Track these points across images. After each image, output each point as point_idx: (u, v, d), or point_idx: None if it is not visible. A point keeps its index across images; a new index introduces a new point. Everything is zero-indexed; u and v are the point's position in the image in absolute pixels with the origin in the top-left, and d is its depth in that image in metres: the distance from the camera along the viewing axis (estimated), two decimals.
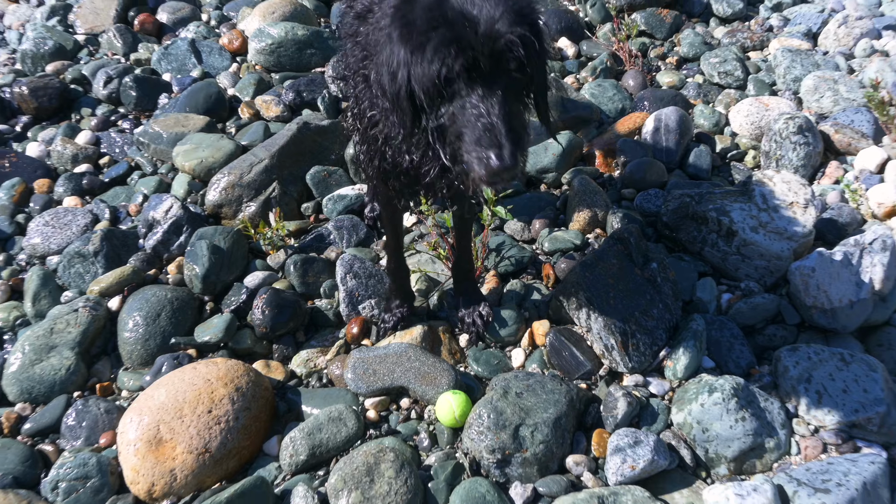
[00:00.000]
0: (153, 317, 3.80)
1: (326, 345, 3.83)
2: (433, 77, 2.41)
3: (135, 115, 5.25)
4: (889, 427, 3.31)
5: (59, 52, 5.71)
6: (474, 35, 2.36)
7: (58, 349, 3.72)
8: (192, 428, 3.28)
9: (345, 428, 3.35)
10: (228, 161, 4.57)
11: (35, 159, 4.91)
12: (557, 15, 5.89)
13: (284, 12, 5.75)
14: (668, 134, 4.73)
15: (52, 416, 3.56)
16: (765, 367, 3.64)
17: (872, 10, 6.06)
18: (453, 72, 2.39)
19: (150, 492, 3.22)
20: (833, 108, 5.05)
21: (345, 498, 3.09)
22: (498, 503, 3.09)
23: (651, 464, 3.17)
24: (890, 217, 4.30)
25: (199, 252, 4.00)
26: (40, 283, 4.05)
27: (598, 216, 4.25)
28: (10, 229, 4.49)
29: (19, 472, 3.34)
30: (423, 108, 2.53)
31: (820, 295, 3.67)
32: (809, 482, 3.06)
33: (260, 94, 5.24)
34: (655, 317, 3.63)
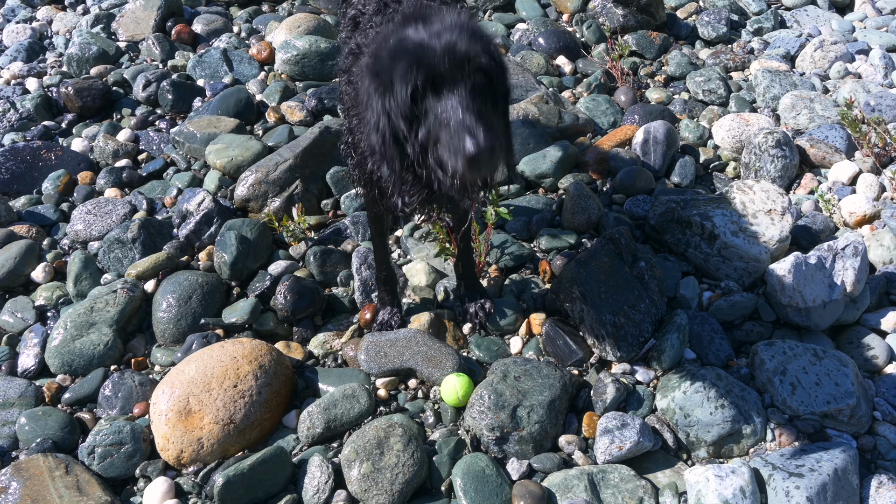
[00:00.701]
0: (185, 299, 3.78)
1: (342, 329, 3.80)
2: (405, 100, 2.38)
3: (171, 116, 5.22)
4: (858, 418, 3.29)
5: (103, 56, 5.68)
6: (434, 54, 2.34)
7: (97, 326, 3.70)
8: (219, 401, 3.26)
9: (357, 404, 3.33)
10: (256, 160, 4.54)
11: (79, 153, 4.88)
12: (556, 35, 5.86)
13: (309, 26, 5.72)
14: (655, 145, 4.71)
15: (90, 387, 3.54)
16: (742, 360, 3.61)
17: (846, 35, 6.04)
18: (419, 89, 2.35)
19: (178, 458, 3.20)
20: (809, 124, 5.02)
21: (357, 468, 3.07)
22: (496, 476, 3.07)
23: (637, 445, 3.15)
24: (861, 225, 4.27)
25: (227, 241, 3.97)
26: (82, 265, 4.02)
27: (591, 218, 4.21)
28: (55, 216, 4.47)
29: (59, 437, 3.33)
30: (406, 138, 2.48)
31: (795, 295, 3.64)
32: (784, 467, 3.03)
33: (285, 100, 5.21)
34: (642, 311, 3.60)
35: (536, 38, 5.86)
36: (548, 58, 5.68)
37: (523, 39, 5.92)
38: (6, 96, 5.34)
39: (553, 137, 4.82)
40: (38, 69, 5.71)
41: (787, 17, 6.37)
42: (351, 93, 3.01)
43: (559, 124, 4.90)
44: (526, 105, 4.93)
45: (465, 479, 3.06)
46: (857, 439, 3.29)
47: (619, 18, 5.97)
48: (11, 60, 5.82)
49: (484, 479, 3.06)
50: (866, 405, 3.35)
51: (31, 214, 4.46)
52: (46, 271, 4.09)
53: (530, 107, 4.91)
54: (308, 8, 6.23)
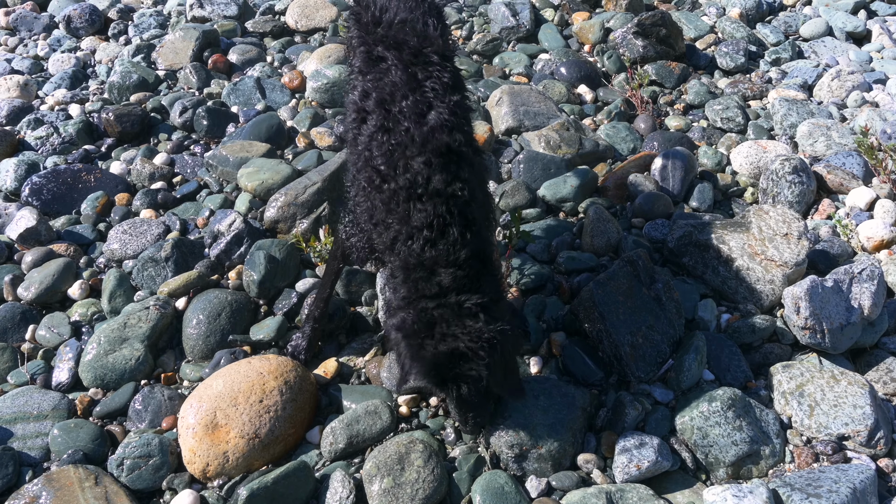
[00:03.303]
0: (214, 316, 3.76)
1: (365, 347, 3.76)
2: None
3: (205, 140, 5.23)
4: (877, 440, 3.20)
5: (142, 84, 5.72)
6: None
7: (129, 342, 3.68)
8: (245, 415, 3.22)
9: (380, 421, 3.28)
10: (285, 183, 4.53)
11: (117, 176, 4.90)
12: (577, 65, 5.83)
13: (338, 57, 5.74)
14: (674, 171, 4.65)
15: (120, 400, 3.52)
16: (761, 381, 3.53)
17: (864, 65, 5.95)
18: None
19: (204, 471, 3.17)
20: (826, 151, 4.93)
21: (378, 483, 3.02)
22: (515, 494, 3.01)
23: (655, 464, 3.07)
24: (878, 250, 4.18)
25: (256, 261, 3.95)
26: (116, 283, 4.02)
27: (611, 241, 4.15)
28: (93, 236, 4.47)
29: (89, 449, 3.31)
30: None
31: (812, 318, 3.55)
32: (802, 488, 2.94)
33: (315, 126, 5.21)
34: (660, 332, 3.54)
35: (559, 68, 5.84)
36: (569, 87, 5.65)
37: (546, 69, 5.89)
38: (50, 121, 5.39)
39: (573, 163, 4.77)
40: (81, 96, 5.76)
41: (804, 48, 6.30)
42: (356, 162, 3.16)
43: (580, 150, 4.85)
44: (547, 132, 4.90)
45: (485, 495, 3.00)
46: (876, 461, 3.19)
47: (639, 49, 5.93)
48: (56, 87, 5.87)
49: (503, 496, 3.00)
50: (885, 427, 3.25)
51: (70, 234, 4.47)
52: (82, 288, 4.09)
53: (552, 133, 4.87)
54: (338, 39, 6.25)
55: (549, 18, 6.53)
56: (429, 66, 3.09)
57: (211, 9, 6.62)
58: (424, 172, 2.83)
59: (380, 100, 3.03)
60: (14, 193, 4.79)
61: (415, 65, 3.08)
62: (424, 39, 3.20)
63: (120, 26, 6.68)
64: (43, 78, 6.08)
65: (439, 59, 3.15)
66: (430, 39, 3.23)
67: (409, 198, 2.84)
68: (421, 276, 2.82)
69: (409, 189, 2.84)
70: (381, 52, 3.16)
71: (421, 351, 2.77)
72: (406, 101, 2.97)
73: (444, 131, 2.91)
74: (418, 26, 3.27)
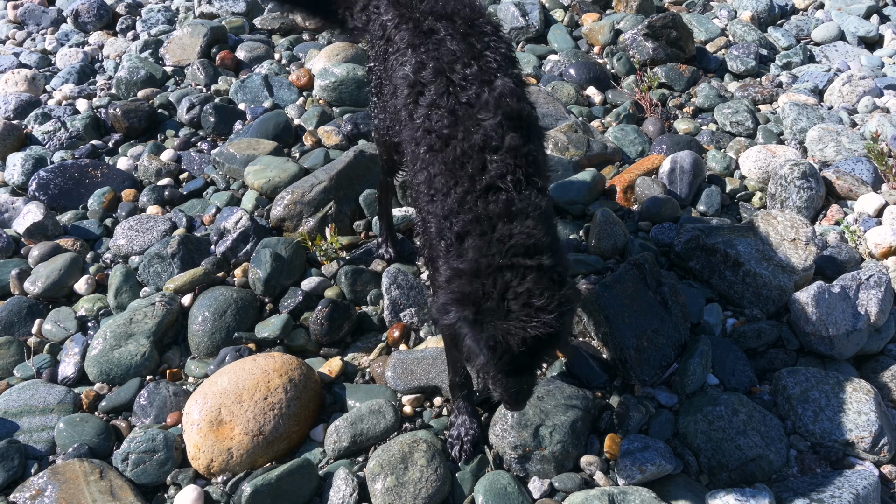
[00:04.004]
0: (220, 313, 3.80)
1: (370, 346, 3.80)
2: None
3: (212, 137, 5.28)
4: (881, 447, 3.23)
5: (150, 80, 5.77)
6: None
7: (135, 337, 3.73)
8: (250, 412, 3.27)
9: (384, 420, 3.33)
10: (292, 181, 4.57)
11: (124, 172, 4.95)
12: (587, 66, 5.86)
13: (346, 55, 5.78)
14: (682, 175, 4.68)
15: (126, 395, 3.57)
16: (765, 387, 3.56)
17: (875, 70, 5.97)
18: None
19: (208, 467, 3.22)
20: (836, 157, 4.96)
21: (381, 482, 3.06)
22: (517, 494, 3.05)
23: (658, 467, 3.11)
24: (886, 257, 4.20)
25: (262, 259, 4.00)
26: (123, 279, 4.06)
27: (617, 244, 4.19)
28: (99, 231, 4.52)
29: (94, 443, 3.36)
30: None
31: (818, 323, 3.59)
32: (805, 493, 2.98)
33: (322, 124, 5.25)
34: (666, 335, 3.57)
35: (567, 70, 5.87)
36: (578, 88, 5.69)
37: (555, 70, 5.93)
38: (57, 116, 5.44)
39: (581, 165, 4.81)
40: (88, 91, 5.81)
41: (816, 52, 6.32)
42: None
43: (587, 153, 4.89)
44: (556, 133, 4.93)
45: (487, 496, 3.04)
46: (880, 468, 3.23)
47: (648, 51, 5.96)
48: (63, 82, 5.93)
49: (505, 496, 3.04)
50: (889, 434, 3.28)
51: (77, 229, 4.52)
52: (89, 283, 4.14)
53: (560, 135, 4.91)
54: (346, 37, 6.29)
55: (558, 19, 6.56)
56: (484, 37, 3.06)
57: (219, 5, 6.67)
58: (498, 130, 2.71)
59: (438, 69, 2.92)
60: (21, 188, 4.85)
61: (470, 35, 3.03)
62: (473, 10, 3.18)
63: (128, 21, 6.74)
64: (50, 72, 6.14)
65: (492, 29, 3.14)
66: (479, 11, 3.21)
67: (483, 152, 2.68)
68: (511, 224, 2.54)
69: (483, 143, 2.69)
70: (431, 24, 3.07)
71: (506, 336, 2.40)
72: (470, 68, 2.89)
73: (514, 97, 2.83)
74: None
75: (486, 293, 2.41)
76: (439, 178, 2.73)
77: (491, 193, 2.60)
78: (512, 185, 2.61)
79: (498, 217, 2.55)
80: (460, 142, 2.71)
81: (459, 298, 2.43)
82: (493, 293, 2.40)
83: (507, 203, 2.58)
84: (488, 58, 2.95)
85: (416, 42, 3.06)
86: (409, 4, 3.23)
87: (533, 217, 2.56)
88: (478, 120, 2.74)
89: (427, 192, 2.81)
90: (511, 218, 2.54)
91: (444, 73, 2.89)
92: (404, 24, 3.17)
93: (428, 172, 2.80)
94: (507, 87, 2.84)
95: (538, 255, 2.47)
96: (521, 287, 2.40)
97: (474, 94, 2.81)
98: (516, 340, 2.37)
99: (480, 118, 2.74)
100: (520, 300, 2.39)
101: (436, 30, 3.05)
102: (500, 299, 2.39)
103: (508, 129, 2.72)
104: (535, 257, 2.46)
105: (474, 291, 2.42)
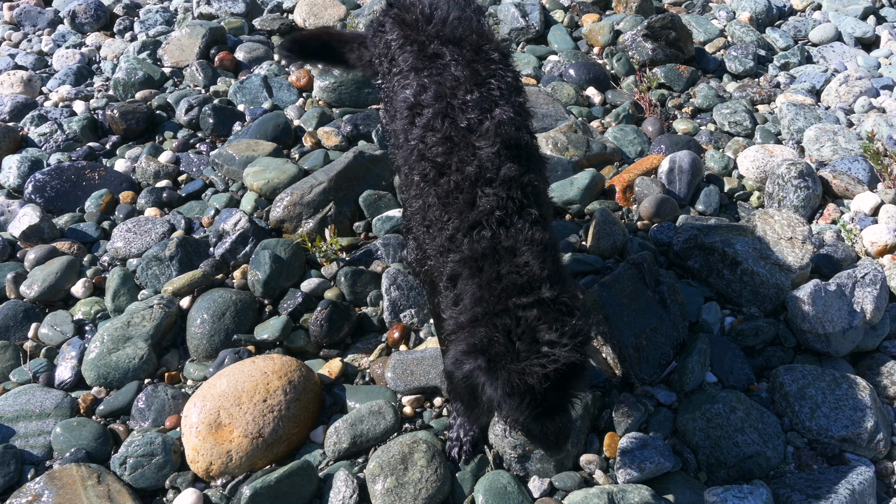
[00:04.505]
0: (218, 316, 3.82)
1: (370, 347, 3.83)
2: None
3: (211, 139, 5.30)
4: (877, 443, 3.27)
5: (148, 81, 5.79)
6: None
7: (133, 340, 3.75)
8: (249, 415, 3.29)
9: (383, 421, 3.35)
10: (291, 182, 4.60)
11: (121, 174, 4.97)
12: (586, 67, 5.89)
13: None
14: (681, 174, 4.71)
15: (124, 399, 3.59)
16: (763, 384, 3.59)
17: (872, 71, 6.01)
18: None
19: (207, 470, 3.23)
20: (832, 156, 5.00)
21: (381, 482, 3.08)
22: (517, 494, 3.07)
23: (657, 465, 3.13)
24: (882, 255, 4.25)
25: (262, 260, 4.02)
26: (120, 281, 4.08)
27: (616, 244, 4.22)
28: (97, 234, 4.53)
29: (92, 447, 3.37)
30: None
31: (815, 321, 3.62)
32: (802, 489, 3.01)
33: (322, 125, 5.27)
34: (664, 334, 3.60)
35: (567, 70, 5.90)
36: (578, 89, 5.71)
37: (554, 71, 5.96)
38: (54, 118, 5.45)
39: (581, 165, 4.84)
40: (86, 92, 5.83)
41: (813, 52, 6.35)
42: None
43: (587, 153, 4.92)
44: (555, 134, 4.96)
45: (487, 495, 3.07)
46: (876, 464, 3.27)
47: (648, 52, 6.00)
48: (60, 84, 5.95)
49: (505, 496, 3.06)
50: (885, 430, 3.32)
51: (74, 231, 4.53)
52: (86, 286, 4.16)
53: (559, 136, 4.94)
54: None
55: (558, 20, 6.59)
56: (490, 64, 3.03)
57: (218, 6, 6.69)
58: (494, 161, 2.66)
59: (439, 94, 2.89)
60: (17, 190, 4.86)
61: (476, 62, 3.00)
62: (482, 36, 3.15)
63: (125, 22, 6.76)
64: (47, 74, 6.15)
65: (500, 57, 3.12)
66: (488, 36, 3.19)
67: (475, 185, 2.61)
68: (498, 265, 2.48)
69: (476, 176, 2.62)
70: (437, 49, 3.05)
71: (524, 377, 2.29)
72: (471, 94, 2.86)
73: (513, 126, 2.81)
74: (473, 24, 3.21)
75: (492, 339, 2.36)
76: (433, 210, 2.72)
77: (476, 231, 2.56)
78: (497, 222, 2.56)
79: (483, 257, 2.52)
80: (454, 173, 2.68)
81: (468, 350, 2.37)
82: (499, 338, 2.35)
83: (493, 241, 2.54)
84: (492, 85, 2.91)
85: (420, 66, 3.04)
86: (414, 25, 3.20)
87: (525, 252, 2.51)
88: (474, 148, 2.71)
89: (422, 223, 2.81)
90: (498, 258, 2.51)
91: (444, 97, 2.87)
92: (409, 46, 3.15)
93: (423, 202, 2.78)
94: (507, 115, 2.81)
95: (535, 291, 2.43)
96: (522, 326, 2.35)
97: (474, 120, 2.78)
98: (536, 379, 2.28)
99: (477, 146, 2.71)
100: (525, 339, 2.34)
101: (441, 54, 3.03)
102: (507, 342, 2.34)
103: (506, 159, 2.69)
104: (532, 293, 2.42)
105: (480, 340, 2.37)
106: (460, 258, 2.56)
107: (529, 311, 2.38)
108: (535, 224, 2.60)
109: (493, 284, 2.45)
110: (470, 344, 2.38)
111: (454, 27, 3.13)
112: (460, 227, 2.60)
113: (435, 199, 2.70)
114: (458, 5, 3.27)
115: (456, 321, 2.51)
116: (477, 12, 3.38)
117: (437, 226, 2.69)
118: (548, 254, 2.55)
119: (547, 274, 2.47)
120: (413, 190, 2.85)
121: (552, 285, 2.45)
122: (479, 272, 2.50)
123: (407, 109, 2.96)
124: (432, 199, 2.71)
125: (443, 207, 2.67)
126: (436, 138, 2.76)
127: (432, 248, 2.73)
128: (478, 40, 3.10)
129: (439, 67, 2.98)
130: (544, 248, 2.55)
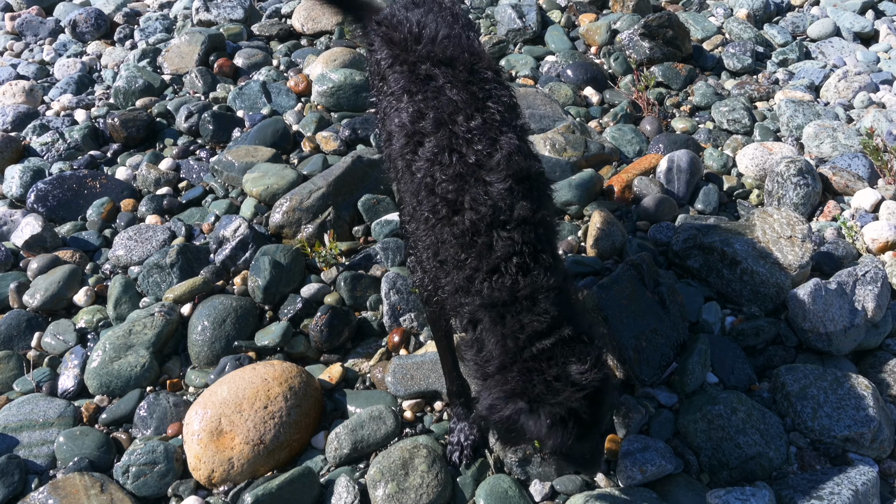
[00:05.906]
0: (219, 322, 3.80)
1: (370, 352, 3.81)
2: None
3: (211, 145, 5.28)
4: (880, 442, 3.23)
5: (148, 89, 5.78)
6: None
7: (134, 348, 3.73)
8: (250, 421, 3.27)
9: (384, 426, 3.33)
10: (291, 188, 4.57)
11: (122, 181, 4.95)
12: (584, 67, 5.86)
13: (344, 60, 5.77)
14: (679, 173, 4.67)
15: (126, 407, 3.57)
16: (764, 384, 3.56)
17: (871, 66, 5.96)
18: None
19: (209, 477, 3.22)
20: (832, 153, 4.95)
21: (382, 488, 3.06)
22: (518, 498, 3.05)
23: (658, 468, 3.10)
24: (883, 252, 4.21)
25: (262, 266, 4.00)
26: (122, 289, 4.06)
27: (615, 244, 4.18)
28: (98, 242, 4.52)
29: (95, 456, 3.36)
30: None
31: (816, 320, 3.58)
32: (805, 490, 2.98)
33: (320, 130, 5.25)
34: (664, 335, 3.57)
35: (565, 70, 5.87)
36: (575, 89, 5.68)
37: (552, 71, 5.92)
38: (55, 127, 5.45)
39: (579, 166, 4.80)
40: (87, 101, 5.82)
41: (811, 48, 6.31)
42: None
43: (585, 153, 4.88)
44: (553, 134, 4.93)
45: (489, 499, 3.04)
46: (879, 463, 3.23)
47: (645, 51, 5.96)
48: (62, 93, 5.94)
49: (507, 500, 3.04)
50: (888, 429, 3.28)
51: (76, 240, 4.52)
52: (88, 295, 4.14)
53: (557, 136, 4.90)
54: (344, 42, 6.29)
55: (555, 20, 6.56)
56: (485, 84, 2.95)
57: (217, 13, 6.68)
58: (507, 199, 2.62)
59: (438, 120, 2.80)
60: (19, 200, 4.85)
61: (472, 83, 2.92)
62: (473, 55, 3.07)
63: (126, 31, 6.75)
64: (48, 83, 6.15)
65: (493, 76, 3.03)
66: (479, 54, 3.10)
67: (492, 227, 2.60)
68: (519, 315, 2.53)
69: (491, 218, 2.60)
70: (429, 70, 2.96)
71: (554, 409, 2.43)
72: (473, 121, 2.78)
73: (521, 155, 2.74)
74: (463, 42, 3.12)
75: (527, 382, 2.45)
76: (447, 247, 2.68)
77: (496, 277, 2.57)
78: (517, 268, 2.57)
79: (504, 306, 2.55)
80: (468, 211, 2.63)
81: (506, 395, 2.46)
82: (535, 380, 2.44)
83: (512, 288, 2.55)
84: (491, 109, 2.85)
85: (413, 89, 2.95)
86: (403, 45, 3.12)
87: (543, 301, 2.54)
88: (485, 184, 2.65)
89: (434, 258, 2.77)
90: (519, 308, 2.54)
91: (445, 124, 2.79)
92: (398, 66, 3.08)
93: (435, 237, 2.74)
94: (514, 145, 2.74)
95: (557, 330, 2.50)
96: (554, 367, 2.45)
97: (483, 153, 2.71)
98: (579, 404, 2.42)
99: (488, 180, 2.66)
100: (561, 377, 2.44)
101: (434, 76, 2.95)
102: (543, 383, 2.43)
103: (518, 196, 2.64)
104: (554, 333, 2.50)
105: (515, 385, 2.45)
106: (480, 303, 2.58)
107: (556, 351, 2.47)
108: (549, 270, 2.61)
109: (518, 335, 2.51)
110: (506, 390, 2.46)
111: (444, 46, 3.05)
112: (479, 269, 2.60)
113: (451, 237, 2.67)
114: (446, 23, 3.20)
115: (483, 370, 2.58)
116: (466, 28, 3.32)
117: (452, 264, 2.67)
118: (562, 296, 2.60)
119: (564, 313, 2.54)
120: (423, 224, 2.80)
121: (570, 322, 2.53)
122: (502, 320, 2.55)
123: (405, 137, 2.89)
124: (447, 237, 2.68)
125: (459, 248, 2.65)
126: (445, 175, 2.70)
127: (448, 284, 2.72)
128: (470, 59, 3.03)
129: (434, 90, 2.91)
130: (559, 292, 2.59)
